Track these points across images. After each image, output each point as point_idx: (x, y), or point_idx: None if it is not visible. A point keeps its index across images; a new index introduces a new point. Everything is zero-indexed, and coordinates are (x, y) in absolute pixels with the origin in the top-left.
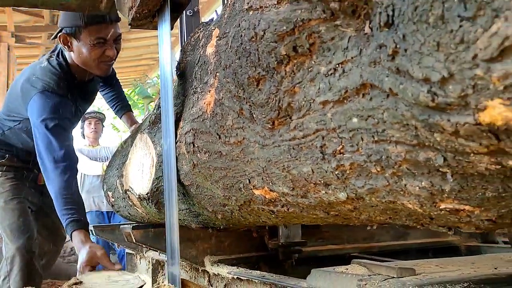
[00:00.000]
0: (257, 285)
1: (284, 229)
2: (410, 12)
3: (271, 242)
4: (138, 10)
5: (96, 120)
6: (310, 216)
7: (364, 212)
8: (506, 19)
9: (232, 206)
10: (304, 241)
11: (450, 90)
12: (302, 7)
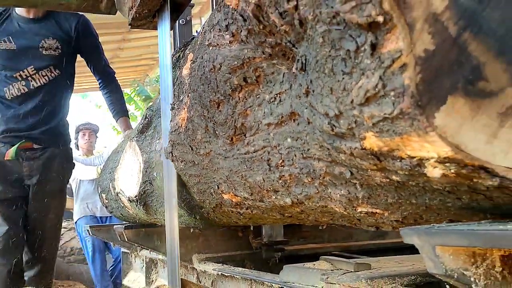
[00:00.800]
0: (238, 280)
1: (267, 229)
2: (313, 63)
3: (255, 241)
4: (138, 10)
5: (90, 131)
6: (270, 217)
7: (310, 214)
8: (367, 77)
9: (207, 208)
10: (286, 240)
11: (342, 123)
12: (248, 47)
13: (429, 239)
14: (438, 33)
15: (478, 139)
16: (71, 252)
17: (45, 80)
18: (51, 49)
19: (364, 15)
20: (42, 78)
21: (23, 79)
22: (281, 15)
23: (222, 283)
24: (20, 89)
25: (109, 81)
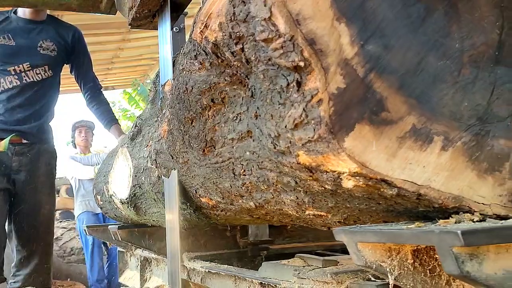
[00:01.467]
0: (224, 277)
1: (253, 229)
2: (259, 93)
3: (242, 240)
4: (138, 10)
5: (86, 128)
6: (242, 218)
7: (273, 216)
8: (295, 108)
9: (189, 210)
10: (271, 240)
11: (281, 143)
12: (213, 74)
13: (352, 236)
14: (348, 75)
15: (380, 158)
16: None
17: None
18: (48, 50)
19: (289, 60)
20: (35, 75)
21: (16, 73)
22: (233, 54)
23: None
24: (12, 82)
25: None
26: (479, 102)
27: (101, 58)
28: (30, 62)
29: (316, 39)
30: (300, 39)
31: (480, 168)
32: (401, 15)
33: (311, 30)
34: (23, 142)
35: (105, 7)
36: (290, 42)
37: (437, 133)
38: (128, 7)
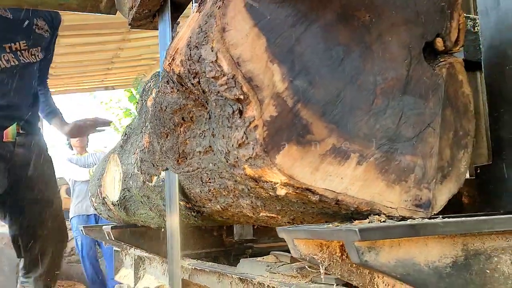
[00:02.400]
0: (209, 273)
1: (238, 228)
2: (214, 117)
3: (227, 239)
4: (138, 10)
5: None
6: (215, 219)
7: (240, 217)
8: (239, 131)
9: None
10: (255, 239)
11: (231, 158)
12: (182, 97)
13: (289, 234)
14: (280, 105)
15: (305, 171)
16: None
17: (34, 59)
18: (42, 30)
19: (232, 94)
20: (31, 56)
21: (13, 52)
22: (193, 85)
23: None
24: (9, 61)
25: (47, 91)
26: (389, 126)
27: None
28: (27, 42)
29: (253, 77)
30: (240, 77)
31: (389, 179)
32: (323, 56)
33: (249, 70)
34: (20, 132)
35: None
36: (232, 79)
37: (353, 151)
38: (128, 7)
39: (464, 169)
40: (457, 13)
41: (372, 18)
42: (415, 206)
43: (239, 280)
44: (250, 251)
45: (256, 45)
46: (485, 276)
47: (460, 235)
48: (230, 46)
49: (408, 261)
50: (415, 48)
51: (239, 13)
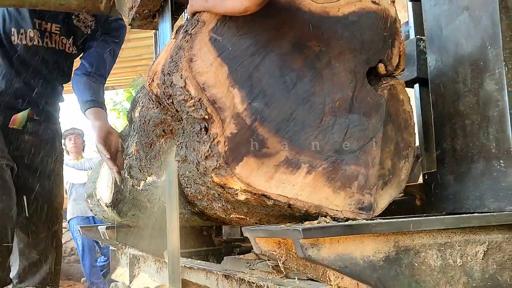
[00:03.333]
0: (197, 271)
1: (227, 228)
2: (186, 131)
3: (216, 239)
4: (138, 10)
5: (75, 135)
6: (197, 219)
7: (217, 218)
8: (205, 145)
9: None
10: (243, 238)
11: (201, 167)
12: (162, 112)
13: (252, 233)
14: (239, 123)
15: (261, 180)
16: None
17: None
18: (82, 23)
19: (199, 114)
20: (60, 43)
21: (40, 30)
22: (168, 104)
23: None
24: (34, 39)
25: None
26: (336, 140)
27: None
28: (61, 26)
29: (216, 100)
30: (205, 100)
31: (335, 185)
32: (279, 81)
33: (213, 94)
34: (35, 118)
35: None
36: (199, 102)
37: (304, 162)
38: (128, 7)
39: (404, 176)
40: (398, 42)
41: (322, 48)
42: (358, 209)
43: (224, 277)
44: (238, 249)
45: (219, 72)
46: (413, 269)
47: (392, 233)
48: (197, 74)
49: (346, 256)
50: (360, 72)
51: (205, 46)
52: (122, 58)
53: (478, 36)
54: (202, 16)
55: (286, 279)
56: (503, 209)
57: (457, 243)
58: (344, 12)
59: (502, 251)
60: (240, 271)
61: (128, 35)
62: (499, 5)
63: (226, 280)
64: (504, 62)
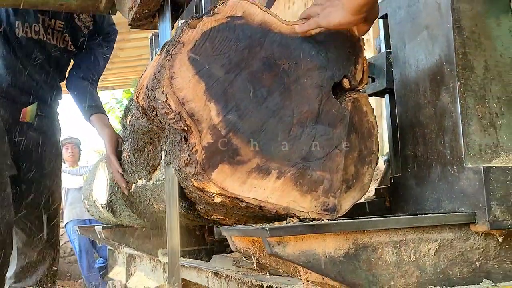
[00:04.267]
0: (189, 268)
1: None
2: (169, 140)
3: (209, 238)
4: (138, 10)
5: (72, 145)
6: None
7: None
8: (185, 153)
9: (148, 214)
10: None
11: (182, 173)
12: (149, 122)
13: (228, 232)
14: (215, 134)
15: (235, 184)
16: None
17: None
18: (82, 23)
19: (179, 126)
20: (60, 40)
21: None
22: (153, 116)
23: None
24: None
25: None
26: (303, 148)
27: None
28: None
29: (194, 113)
30: (184, 113)
31: (302, 189)
32: (250, 96)
33: (192, 108)
34: (39, 114)
35: (105, 7)
36: (178, 115)
37: (274, 168)
38: (128, 7)
39: (367, 181)
40: (362, 59)
41: (291, 65)
42: (323, 210)
43: (213, 274)
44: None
45: (197, 88)
46: (370, 264)
47: (352, 232)
48: (177, 90)
49: (309, 252)
50: (326, 87)
51: (184, 64)
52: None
53: (436, 53)
54: (181, 38)
55: (269, 275)
56: (456, 210)
57: (411, 241)
58: (311, 32)
59: (453, 248)
60: (227, 269)
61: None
62: (453, 25)
63: (216, 278)
64: (457, 77)
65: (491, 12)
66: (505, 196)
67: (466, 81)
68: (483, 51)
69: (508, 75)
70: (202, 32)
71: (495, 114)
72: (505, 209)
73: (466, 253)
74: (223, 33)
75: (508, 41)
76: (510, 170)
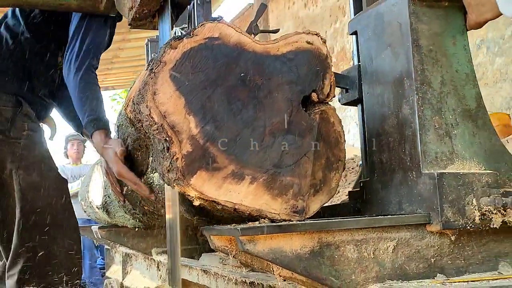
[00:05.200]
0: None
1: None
2: (154, 149)
3: (201, 237)
4: (138, 10)
5: (78, 141)
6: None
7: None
8: (167, 160)
9: (139, 215)
10: None
11: (165, 178)
12: (137, 131)
13: (207, 231)
14: (194, 143)
15: (211, 189)
16: None
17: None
18: None
19: (161, 136)
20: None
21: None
22: (139, 127)
23: None
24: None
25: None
26: (275, 156)
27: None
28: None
29: (175, 125)
30: (166, 125)
31: (273, 193)
32: (226, 109)
33: (172, 120)
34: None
35: (105, 7)
36: (161, 127)
37: (247, 174)
38: (128, 7)
39: (335, 185)
40: (329, 74)
41: (264, 81)
42: (292, 212)
43: (203, 272)
44: None
45: (177, 103)
46: (334, 260)
47: (316, 231)
48: (159, 105)
49: (277, 249)
50: (296, 100)
51: (166, 82)
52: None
53: (398, 69)
54: (164, 58)
55: (252, 272)
56: (415, 212)
57: (371, 240)
58: (282, 51)
59: (409, 246)
60: (215, 266)
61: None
62: (412, 44)
63: (205, 275)
64: (415, 91)
65: (448, 32)
66: (457, 199)
67: (424, 95)
68: (440, 68)
69: (463, 89)
70: (183, 52)
71: (450, 124)
72: (456, 210)
73: (422, 250)
74: (202, 53)
75: (463, 58)
76: (461, 176)
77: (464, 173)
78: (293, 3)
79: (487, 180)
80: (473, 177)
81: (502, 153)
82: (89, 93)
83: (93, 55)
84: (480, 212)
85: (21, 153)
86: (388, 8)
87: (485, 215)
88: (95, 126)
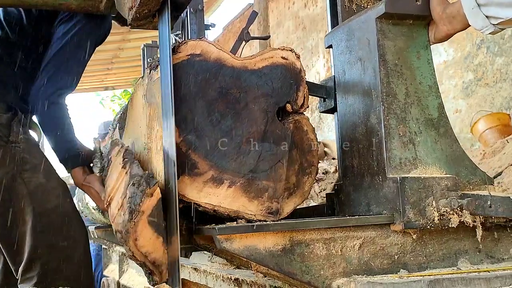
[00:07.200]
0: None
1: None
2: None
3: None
4: (138, 10)
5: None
6: None
7: None
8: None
9: None
10: None
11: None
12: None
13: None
14: (177, 151)
15: (193, 192)
16: None
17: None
18: None
19: (144, 269)
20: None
21: None
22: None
23: None
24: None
25: None
26: (251, 162)
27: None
28: None
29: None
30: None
31: (250, 196)
32: (207, 120)
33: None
34: None
35: (105, 7)
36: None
37: (226, 178)
38: (128, 7)
39: (308, 189)
40: (303, 87)
41: (241, 94)
42: (267, 213)
43: (193, 269)
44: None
45: (156, 243)
46: (304, 256)
47: (288, 230)
48: (140, 247)
49: (252, 247)
50: (271, 111)
51: (145, 228)
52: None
53: (367, 81)
54: (141, 207)
55: (237, 270)
56: (381, 213)
57: (339, 238)
58: (259, 66)
59: (375, 244)
60: (204, 264)
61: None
62: (379, 58)
63: (196, 272)
64: (381, 102)
65: (412, 47)
66: (417, 201)
67: (390, 105)
68: (404, 80)
69: (426, 100)
70: (158, 199)
71: (414, 132)
72: (417, 212)
73: (387, 248)
74: (184, 69)
75: (426, 71)
76: (422, 180)
77: (425, 177)
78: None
79: (446, 184)
80: (433, 181)
81: (463, 158)
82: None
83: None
84: (438, 213)
85: (23, 156)
86: (358, 25)
87: (443, 216)
88: (73, 164)
